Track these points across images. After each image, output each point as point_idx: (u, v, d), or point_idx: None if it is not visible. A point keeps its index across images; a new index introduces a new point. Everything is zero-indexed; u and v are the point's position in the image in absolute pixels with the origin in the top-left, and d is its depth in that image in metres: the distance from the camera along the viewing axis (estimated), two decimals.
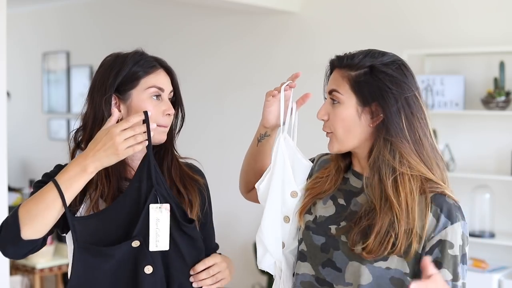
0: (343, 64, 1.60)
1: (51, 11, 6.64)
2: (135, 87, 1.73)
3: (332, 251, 1.59)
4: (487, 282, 3.68)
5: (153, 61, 1.77)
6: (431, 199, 1.54)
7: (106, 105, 1.71)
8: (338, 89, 1.59)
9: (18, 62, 6.76)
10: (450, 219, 1.53)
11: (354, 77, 1.58)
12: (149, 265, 1.62)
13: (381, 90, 1.56)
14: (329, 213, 1.65)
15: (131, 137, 1.57)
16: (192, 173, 1.84)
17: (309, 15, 4.74)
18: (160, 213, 1.62)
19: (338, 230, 1.61)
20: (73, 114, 6.37)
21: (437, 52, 4.08)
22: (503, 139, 3.95)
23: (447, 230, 1.52)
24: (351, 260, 1.56)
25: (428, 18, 4.21)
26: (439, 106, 4.02)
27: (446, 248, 1.52)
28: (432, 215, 1.52)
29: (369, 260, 1.53)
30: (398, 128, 1.54)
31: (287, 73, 1.83)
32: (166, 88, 1.76)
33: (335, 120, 1.59)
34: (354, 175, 1.66)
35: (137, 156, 1.78)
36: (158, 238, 1.61)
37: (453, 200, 1.56)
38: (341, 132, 1.59)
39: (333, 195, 1.67)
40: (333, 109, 1.60)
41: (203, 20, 5.34)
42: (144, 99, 1.73)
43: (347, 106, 1.58)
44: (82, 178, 1.57)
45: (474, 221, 3.92)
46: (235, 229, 5.03)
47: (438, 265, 1.51)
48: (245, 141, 5.76)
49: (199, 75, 5.32)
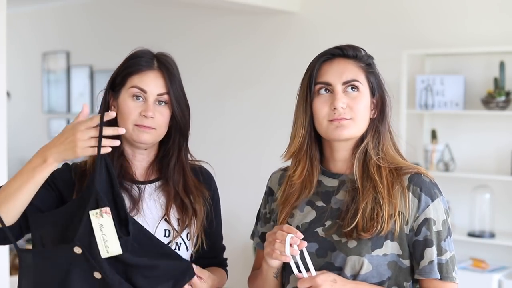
0: (355, 55, 1.65)
1: (51, 11, 6.64)
2: (124, 85, 1.75)
3: (330, 253, 1.59)
4: (487, 282, 3.68)
5: (150, 61, 1.76)
6: (408, 180, 1.60)
7: (103, 100, 1.75)
8: (358, 79, 1.63)
9: (18, 62, 6.76)
10: (430, 196, 1.59)
11: (366, 69, 1.65)
12: (96, 272, 1.56)
13: (380, 82, 1.67)
14: (310, 218, 1.65)
15: (93, 138, 1.55)
16: (198, 183, 1.82)
17: (309, 15, 4.74)
18: (102, 218, 1.55)
19: (326, 230, 1.61)
20: (73, 114, 6.37)
21: (437, 52, 4.08)
22: (503, 139, 3.95)
23: (430, 208, 1.58)
24: (349, 255, 1.57)
25: (428, 18, 4.21)
26: (439, 106, 4.01)
27: (431, 225, 1.58)
28: (412, 195, 1.59)
29: (367, 250, 1.55)
30: (388, 120, 1.66)
31: (287, 73, 1.83)
32: (150, 90, 1.73)
33: (358, 107, 1.61)
34: (328, 176, 1.68)
35: (136, 157, 1.79)
36: (106, 244, 1.55)
37: (429, 178, 1.62)
38: (360, 119, 1.62)
39: (309, 200, 1.67)
40: (351, 98, 1.62)
41: (203, 21, 5.34)
42: (125, 98, 1.74)
43: (364, 95, 1.64)
44: (45, 169, 1.57)
45: (474, 221, 3.92)
46: (235, 228, 5.02)
47: (430, 243, 1.57)
48: (246, 141, 5.79)
49: (199, 76, 5.32)
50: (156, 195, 1.78)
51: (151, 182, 1.80)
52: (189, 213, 1.76)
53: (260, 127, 4.99)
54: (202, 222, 1.79)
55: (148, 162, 1.81)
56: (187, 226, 1.77)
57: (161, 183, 1.80)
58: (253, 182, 5.15)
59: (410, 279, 1.61)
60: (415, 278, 1.61)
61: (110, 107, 1.76)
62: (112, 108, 1.76)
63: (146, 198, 1.77)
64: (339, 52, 1.65)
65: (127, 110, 1.71)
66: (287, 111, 5.18)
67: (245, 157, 5.10)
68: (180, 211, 1.77)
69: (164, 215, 1.76)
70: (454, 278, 1.60)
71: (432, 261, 1.58)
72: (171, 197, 1.77)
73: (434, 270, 1.58)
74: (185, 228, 1.77)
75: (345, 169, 1.67)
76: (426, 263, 1.58)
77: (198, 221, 1.78)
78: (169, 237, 1.75)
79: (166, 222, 1.75)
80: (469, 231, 3.92)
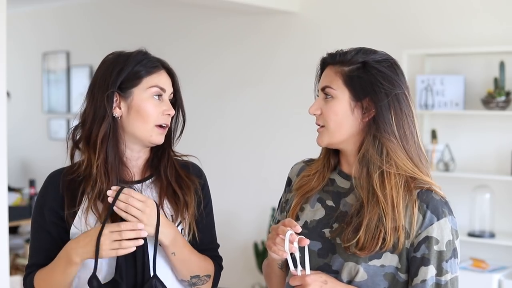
0: (336, 61, 1.62)
1: (51, 11, 6.64)
2: (137, 85, 1.74)
3: (331, 255, 1.59)
4: (487, 282, 3.68)
5: (156, 61, 1.78)
6: (417, 195, 1.55)
7: (108, 102, 1.72)
8: (331, 85, 1.61)
9: (18, 62, 6.76)
10: (436, 215, 1.55)
11: (347, 72, 1.60)
12: None
13: (373, 85, 1.58)
14: (319, 216, 1.65)
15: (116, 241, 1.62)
16: (187, 173, 1.84)
17: (309, 15, 4.74)
18: None
19: (332, 232, 1.61)
20: (73, 114, 6.37)
21: (437, 52, 4.08)
22: (503, 139, 3.95)
23: (434, 226, 1.54)
24: (347, 261, 1.56)
25: (428, 18, 4.21)
26: (439, 106, 4.01)
27: (432, 244, 1.54)
28: (418, 211, 1.54)
29: (364, 259, 1.54)
30: (388, 124, 1.57)
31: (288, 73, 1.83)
32: (167, 89, 1.77)
33: (328, 114, 1.60)
34: (342, 176, 1.67)
35: (134, 156, 1.79)
36: None
37: (440, 196, 1.58)
38: (333, 126, 1.60)
39: (320, 197, 1.67)
40: (326, 103, 1.61)
41: (203, 21, 5.34)
42: (145, 98, 1.73)
43: (340, 100, 1.60)
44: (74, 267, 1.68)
45: (474, 221, 3.92)
46: (236, 228, 5.03)
47: (426, 262, 1.54)
48: (247, 141, 5.78)
49: (200, 76, 5.32)
50: (149, 191, 1.79)
51: (146, 179, 1.81)
52: (181, 204, 1.77)
53: (260, 127, 5.00)
54: (194, 212, 1.80)
55: (144, 160, 1.82)
56: (180, 222, 1.77)
57: (153, 179, 1.81)
58: (254, 182, 5.16)
59: None
60: None
61: (114, 108, 1.74)
62: (117, 109, 1.74)
63: None
64: (326, 59, 1.66)
65: (150, 110, 1.73)
66: (288, 110, 5.20)
67: (246, 157, 5.10)
68: (173, 203, 1.78)
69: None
70: None
71: (425, 280, 1.54)
72: (164, 189, 1.78)
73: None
74: (179, 223, 1.77)
75: (355, 173, 1.65)
76: (418, 281, 1.54)
77: (190, 211, 1.78)
78: None
79: None
80: (469, 231, 3.92)
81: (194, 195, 1.81)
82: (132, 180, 1.78)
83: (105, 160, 1.71)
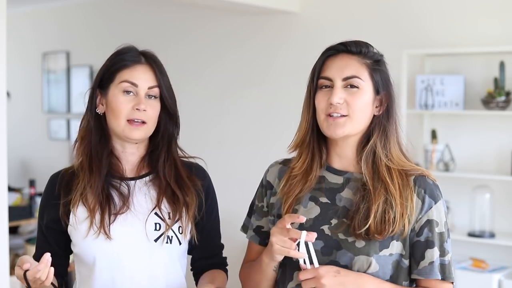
0: (358, 51, 1.64)
1: (51, 11, 6.64)
2: (112, 81, 1.75)
3: (335, 252, 1.59)
4: (487, 282, 3.68)
5: (137, 55, 1.77)
6: (413, 182, 1.61)
7: (90, 99, 1.77)
8: (360, 76, 1.62)
9: (18, 62, 6.76)
10: (433, 198, 1.61)
11: (371, 65, 1.64)
12: None
13: (388, 80, 1.66)
14: (314, 214, 1.64)
15: None
16: (189, 174, 1.82)
17: (309, 14, 4.74)
18: None
19: (332, 229, 1.61)
20: (73, 114, 6.37)
21: (437, 52, 4.08)
22: (503, 139, 3.95)
23: (433, 210, 1.60)
24: (357, 255, 1.57)
25: (428, 18, 4.21)
26: (439, 106, 4.01)
27: (434, 227, 1.60)
28: (416, 196, 1.60)
29: (375, 250, 1.56)
30: (395, 118, 1.65)
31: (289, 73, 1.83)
32: (141, 83, 1.74)
33: (355, 104, 1.60)
34: (332, 172, 1.67)
35: (126, 152, 1.79)
36: None
37: (432, 180, 1.64)
38: (360, 116, 1.61)
39: (312, 195, 1.67)
40: (350, 93, 1.61)
41: (203, 21, 5.34)
42: (116, 94, 1.74)
43: (366, 91, 1.62)
44: None
45: (474, 221, 3.92)
46: (236, 228, 5.02)
47: (431, 244, 1.59)
48: (247, 141, 5.77)
49: (201, 77, 5.32)
50: (146, 189, 1.78)
51: (142, 177, 1.80)
52: (180, 205, 1.76)
53: (262, 128, 4.99)
54: (194, 213, 1.79)
55: (139, 157, 1.82)
56: (178, 220, 1.76)
57: (152, 177, 1.80)
58: (256, 183, 5.14)
59: (408, 278, 1.63)
60: (412, 278, 1.62)
61: (97, 105, 1.77)
62: (101, 106, 1.76)
63: (136, 193, 1.77)
64: (343, 48, 1.66)
65: (119, 105, 1.72)
66: (289, 110, 5.20)
67: (248, 158, 5.10)
68: (171, 203, 1.77)
69: (154, 207, 1.76)
70: (453, 278, 1.62)
71: (432, 262, 1.59)
72: (162, 189, 1.77)
73: (434, 270, 1.59)
74: (176, 221, 1.76)
75: (350, 167, 1.66)
76: (426, 264, 1.59)
77: (190, 212, 1.77)
78: (159, 231, 1.75)
79: (157, 215, 1.75)
80: (469, 231, 3.92)
81: (196, 196, 1.80)
82: (123, 176, 1.78)
83: (88, 155, 1.74)
